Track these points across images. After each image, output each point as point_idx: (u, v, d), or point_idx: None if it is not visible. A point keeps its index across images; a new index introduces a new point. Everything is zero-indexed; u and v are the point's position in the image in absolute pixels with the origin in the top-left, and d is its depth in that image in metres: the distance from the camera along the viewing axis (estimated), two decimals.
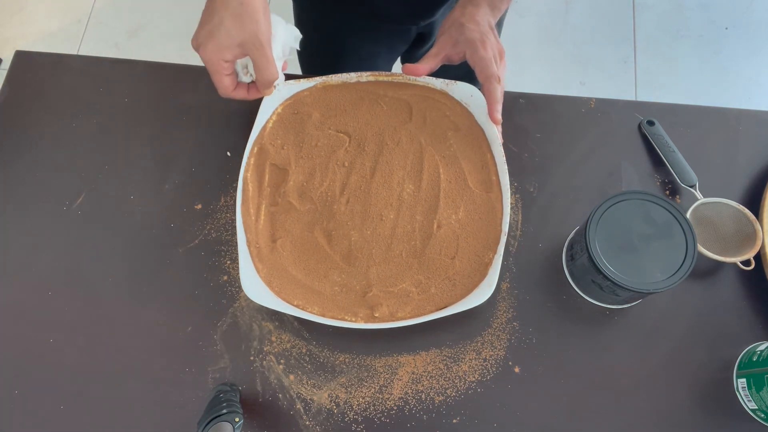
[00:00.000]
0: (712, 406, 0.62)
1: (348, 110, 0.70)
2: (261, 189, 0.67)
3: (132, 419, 0.62)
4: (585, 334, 0.65)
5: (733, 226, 0.67)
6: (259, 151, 0.68)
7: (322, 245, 0.65)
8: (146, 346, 0.64)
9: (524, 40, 1.84)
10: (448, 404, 0.62)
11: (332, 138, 0.69)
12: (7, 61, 0.96)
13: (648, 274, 0.57)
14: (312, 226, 0.65)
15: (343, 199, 0.66)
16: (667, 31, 1.87)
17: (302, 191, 0.67)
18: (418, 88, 0.71)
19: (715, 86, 1.80)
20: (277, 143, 0.68)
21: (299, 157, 0.68)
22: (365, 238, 0.65)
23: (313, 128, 0.69)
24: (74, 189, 0.71)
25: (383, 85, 0.71)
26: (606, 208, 0.60)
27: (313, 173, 0.67)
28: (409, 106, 0.70)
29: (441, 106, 0.70)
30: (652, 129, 0.73)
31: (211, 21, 0.57)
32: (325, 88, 0.71)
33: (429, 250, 0.64)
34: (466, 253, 0.64)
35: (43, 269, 0.68)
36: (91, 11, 1.93)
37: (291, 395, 0.62)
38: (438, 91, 0.71)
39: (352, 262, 0.64)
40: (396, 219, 0.65)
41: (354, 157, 0.68)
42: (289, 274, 0.64)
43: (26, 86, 0.77)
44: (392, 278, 0.63)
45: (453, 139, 0.68)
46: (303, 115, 0.70)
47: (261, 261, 0.64)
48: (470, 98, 0.70)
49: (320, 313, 0.62)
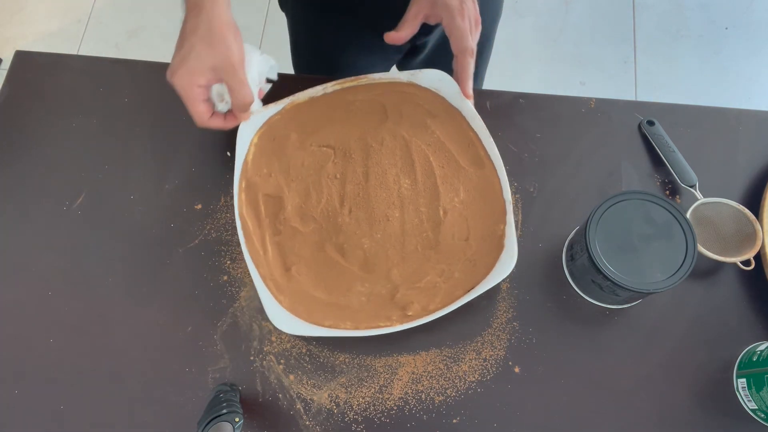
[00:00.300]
0: (712, 406, 0.62)
1: (324, 123, 0.70)
2: (260, 222, 0.65)
3: (132, 419, 0.62)
4: (585, 334, 0.65)
5: (733, 226, 0.67)
6: (248, 185, 0.67)
7: (337, 260, 0.64)
8: (146, 346, 0.64)
9: (524, 40, 1.84)
10: (448, 404, 0.62)
11: (317, 154, 0.68)
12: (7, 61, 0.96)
13: (648, 274, 0.57)
14: (322, 245, 0.65)
15: (344, 210, 0.65)
16: (667, 31, 1.87)
17: (302, 213, 0.66)
18: (386, 85, 0.71)
19: (715, 86, 1.80)
20: (264, 173, 0.67)
21: (289, 180, 0.67)
22: (378, 242, 0.64)
23: (294, 149, 0.68)
24: (74, 189, 0.71)
25: (351, 90, 0.71)
26: (606, 208, 0.60)
27: (308, 193, 0.67)
28: (382, 105, 0.70)
29: (412, 98, 0.70)
30: (652, 129, 0.73)
31: (182, 48, 0.57)
32: (295, 108, 0.71)
33: (442, 237, 0.64)
34: (478, 231, 0.64)
35: (43, 269, 0.68)
36: (91, 11, 1.93)
37: (291, 395, 0.62)
38: (406, 83, 0.71)
39: (372, 269, 0.64)
40: (402, 216, 0.65)
41: (344, 167, 0.67)
42: (312, 297, 0.63)
43: (26, 86, 0.77)
44: (415, 274, 0.63)
45: (433, 125, 0.69)
46: (281, 139, 0.69)
47: (281, 292, 0.63)
48: (439, 83, 0.70)
49: (354, 327, 0.61)
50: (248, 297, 0.66)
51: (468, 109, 0.68)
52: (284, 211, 0.66)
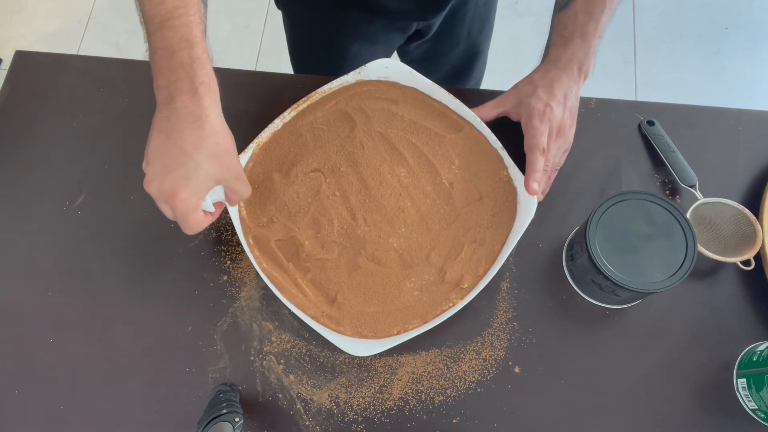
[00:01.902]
0: (712, 406, 0.62)
1: (299, 151, 0.68)
2: (285, 269, 0.63)
3: (132, 419, 0.62)
4: (585, 334, 0.65)
5: (733, 226, 0.67)
6: (255, 239, 0.65)
7: (375, 269, 0.63)
8: (146, 346, 0.64)
9: (524, 40, 1.83)
10: (448, 404, 0.62)
11: (307, 181, 0.67)
12: (7, 61, 0.96)
13: (648, 274, 0.57)
14: (354, 262, 0.64)
15: (359, 221, 0.65)
16: (667, 31, 1.87)
17: (322, 242, 0.65)
18: (337, 92, 0.71)
19: (715, 86, 1.80)
20: (264, 221, 0.65)
21: (293, 217, 0.65)
22: (405, 236, 0.64)
23: (283, 187, 0.67)
24: (74, 189, 0.71)
25: (308, 110, 0.70)
26: (606, 208, 0.60)
27: (317, 222, 0.65)
28: (344, 112, 0.70)
29: (368, 94, 0.71)
30: (652, 129, 0.73)
31: (184, 165, 0.51)
32: (263, 149, 0.69)
33: (458, 205, 0.65)
34: (487, 186, 0.66)
35: (43, 269, 0.68)
36: (91, 11, 1.93)
37: (291, 395, 0.62)
38: (355, 83, 0.71)
39: (411, 263, 0.64)
40: (414, 202, 0.65)
41: (338, 182, 0.67)
42: (369, 314, 0.62)
43: (26, 86, 0.77)
44: (452, 250, 0.64)
45: (399, 111, 0.69)
46: (265, 183, 0.67)
47: (339, 323, 0.62)
48: (386, 70, 0.71)
49: (423, 322, 0.61)
50: (248, 297, 0.66)
51: (424, 83, 0.70)
52: (303, 249, 0.64)
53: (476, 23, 0.93)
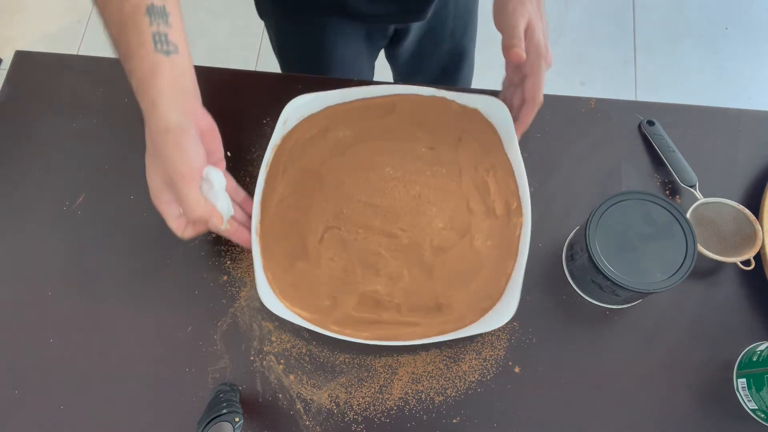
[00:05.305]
0: (712, 406, 0.62)
1: (299, 235, 0.65)
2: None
3: (132, 419, 0.62)
4: (585, 334, 0.65)
5: (733, 226, 0.67)
6: (342, 321, 0.62)
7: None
8: (146, 346, 0.64)
9: None
10: (448, 404, 0.62)
11: (331, 247, 0.64)
12: (7, 61, 0.96)
13: (648, 274, 0.57)
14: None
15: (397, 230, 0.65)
16: (667, 31, 1.87)
17: (378, 270, 0.64)
18: (277, 157, 0.68)
19: (715, 86, 1.80)
20: (327, 305, 0.63)
21: (348, 285, 0.63)
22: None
23: (314, 270, 0.64)
24: (74, 189, 0.71)
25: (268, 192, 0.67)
26: (606, 208, 0.60)
27: (367, 264, 0.64)
28: (308, 172, 0.68)
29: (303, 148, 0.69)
30: (652, 129, 0.73)
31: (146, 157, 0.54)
32: (263, 250, 0.64)
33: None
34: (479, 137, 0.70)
35: (43, 269, 0.68)
36: (91, 11, 1.93)
37: (291, 395, 0.62)
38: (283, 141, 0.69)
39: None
40: (439, 207, 0.66)
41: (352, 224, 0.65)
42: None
43: (26, 86, 0.77)
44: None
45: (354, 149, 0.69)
46: (295, 276, 0.63)
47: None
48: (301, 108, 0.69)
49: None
50: (248, 297, 0.66)
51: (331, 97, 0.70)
52: (380, 291, 0.63)
53: (459, 25, 0.94)
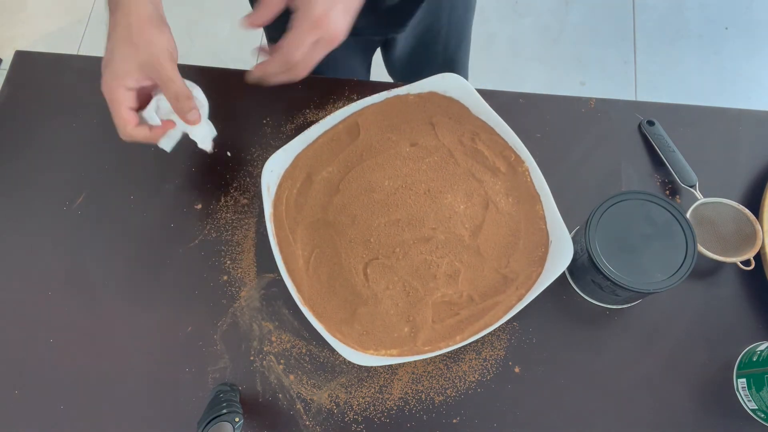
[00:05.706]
0: (712, 406, 0.62)
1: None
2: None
3: (132, 419, 0.62)
4: (585, 334, 0.65)
5: (733, 226, 0.67)
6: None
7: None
8: (146, 346, 0.64)
9: (524, 40, 1.83)
10: (448, 404, 0.62)
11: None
12: (7, 61, 0.95)
13: (648, 274, 0.57)
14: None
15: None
16: (667, 31, 1.87)
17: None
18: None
19: (715, 86, 1.80)
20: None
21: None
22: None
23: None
24: (74, 189, 0.71)
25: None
26: (606, 208, 0.60)
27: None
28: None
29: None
30: (652, 129, 0.73)
31: (107, 53, 0.54)
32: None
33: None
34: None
35: (43, 269, 0.68)
36: (91, 11, 1.93)
37: (291, 395, 0.62)
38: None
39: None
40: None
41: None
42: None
43: (26, 86, 0.77)
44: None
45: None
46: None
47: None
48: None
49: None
50: (248, 297, 0.66)
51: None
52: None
53: (452, 39, 0.94)
